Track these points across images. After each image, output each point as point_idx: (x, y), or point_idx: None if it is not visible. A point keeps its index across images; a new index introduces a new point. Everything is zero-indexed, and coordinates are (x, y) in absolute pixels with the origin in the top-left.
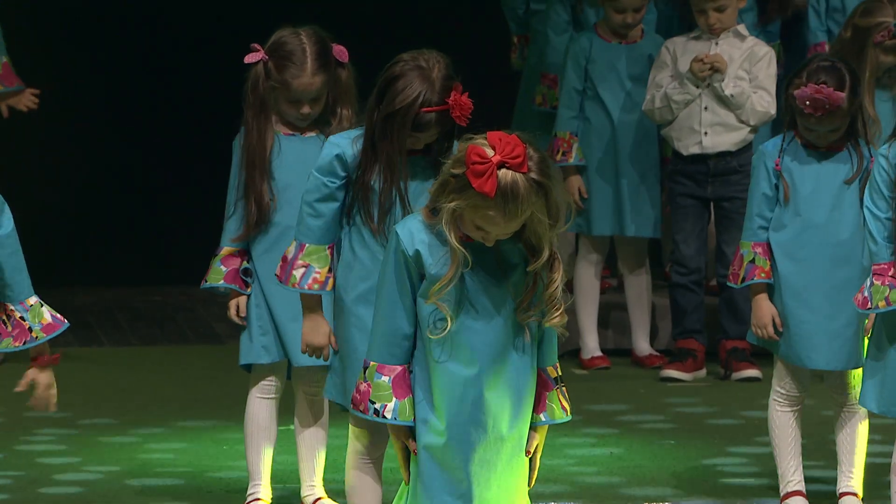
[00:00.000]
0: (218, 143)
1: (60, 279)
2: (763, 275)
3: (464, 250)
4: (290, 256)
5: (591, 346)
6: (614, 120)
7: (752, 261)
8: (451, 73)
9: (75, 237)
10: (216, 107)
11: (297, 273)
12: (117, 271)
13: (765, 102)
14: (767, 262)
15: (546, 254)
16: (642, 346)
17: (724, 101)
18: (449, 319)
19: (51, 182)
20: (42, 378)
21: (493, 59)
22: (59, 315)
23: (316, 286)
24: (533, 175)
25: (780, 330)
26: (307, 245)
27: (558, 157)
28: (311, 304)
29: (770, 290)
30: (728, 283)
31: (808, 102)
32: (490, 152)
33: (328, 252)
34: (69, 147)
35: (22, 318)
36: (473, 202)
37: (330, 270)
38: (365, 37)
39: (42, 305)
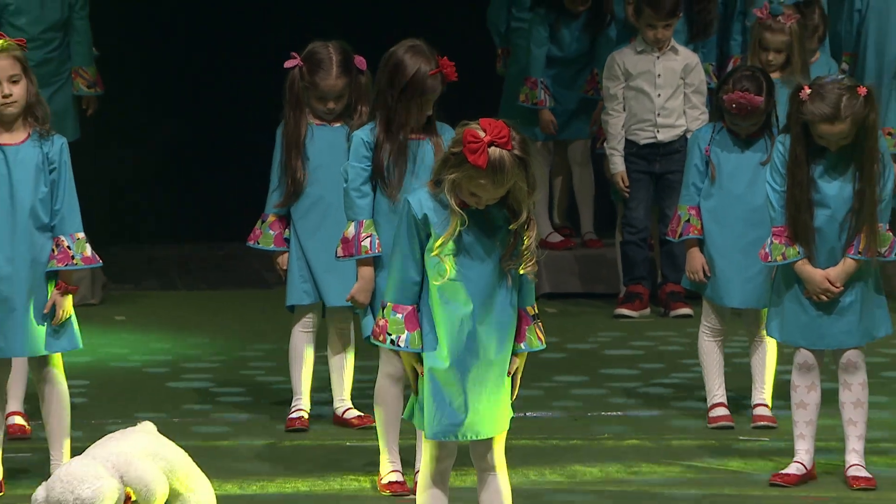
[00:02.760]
0: (264, 128)
1: (145, 237)
2: (696, 231)
3: (462, 213)
4: (351, 235)
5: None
6: None
7: (688, 220)
8: (431, 48)
9: (156, 203)
10: (266, 99)
11: (366, 243)
12: (189, 230)
13: (696, 112)
14: (699, 221)
15: (524, 215)
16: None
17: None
18: (448, 268)
19: (138, 158)
20: (61, 301)
21: (481, 67)
22: (97, 255)
23: (378, 249)
24: (516, 152)
25: (708, 276)
26: (364, 221)
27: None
28: (368, 268)
29: (701, 244)
30: (668, 238)
31: (734, 105)
32: (482, 133)
33: (375, 223)
34: (149, 130)
35: (68, 247)
36: (469, 173)
37: (378, 236)
38: (375, 46)
39: (86, 242)
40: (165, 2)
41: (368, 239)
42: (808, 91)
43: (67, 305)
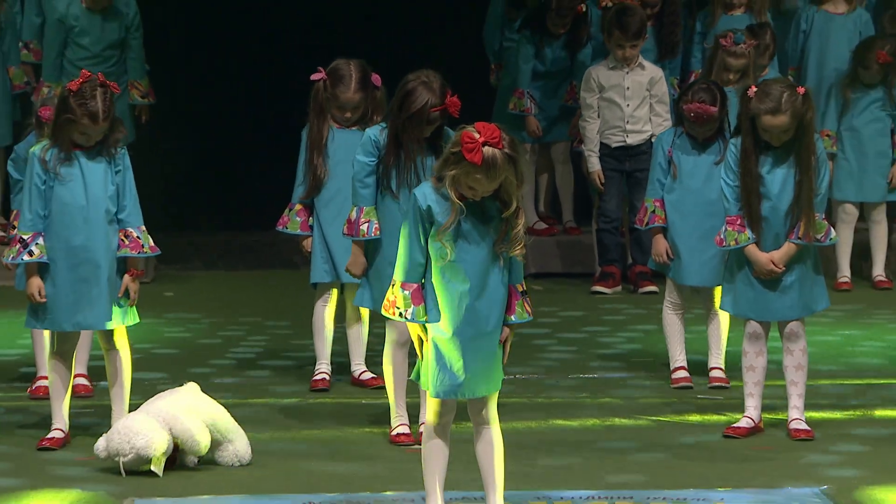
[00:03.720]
0: (292, 130)
1: (189, 225)
2: (660, 221)
3: (461, 204)
4: (353, 218)
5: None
6: None
7: (654, 211)
8: (444, 83)
9: (199, 196)
10: (294, 105)
11: (364, 227)
12: (227, 219)
13: (660, 120)
14: (663, 212)
15: (514, 206)
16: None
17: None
18: (449, 252)
19: (184, 158)
20: (132, 285)
21: (477, 79)
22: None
23: (375, 233)
24: (506, 150)
25: (671, 258)
26: (365, 208)
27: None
28: (359, 246)
29: (664, 231)
30: (636, 226)
31: (692, 114)
32: (477, 135)
33: (375, 210)
34: (194, 133)
35: (138, 237)
36: (466, 169)
37: (377, 222)
38: (388, 61)
39: (147, 233)
40: (212, 30)
41: (367, 224)
42: (755, 90)
43: (138, 287)
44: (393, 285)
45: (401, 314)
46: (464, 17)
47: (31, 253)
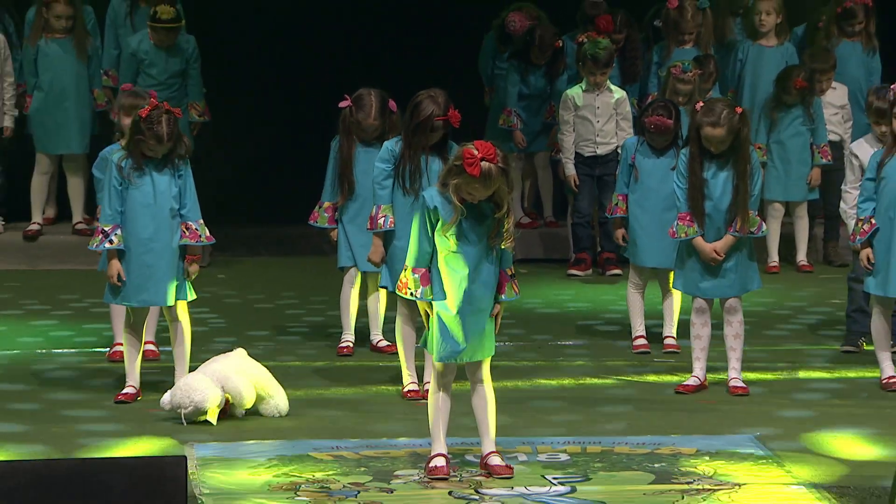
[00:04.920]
0: (322, 142)
1: (238, 218)
2: (621, 212)
3: (461, 206)
4: (374, 215)
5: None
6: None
7: (617, 204)
8: (448, 98)
9: (246, 195)
10: (324, 123)
11: (381, 221)
12: (269, 214)
13: (625, 133)
14: (625, 205)
15: (505, 207)
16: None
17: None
18: (451, 244)
19: (231, 164)
20: (191, 267)
21: (473, 100)
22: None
23: (391, 225)
24: (500, 164)
25: (626, 240)
26: (382, 206)
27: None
28: (378, 237)
29: (625, 220)
30: (606, 216)
31: (652, 126)
32: (476, 151)
33: (392, 207)
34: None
35: (196, 229)
36: (466, 180)
37: (392, 217)
38: (400, 86)
39: (203, 226)
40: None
41: (383, 218)
42: (701, 105)
43: (196, 269)
44: (405, 269)
45: (411, 293)
46: (463, 48)
47: (110, 241)
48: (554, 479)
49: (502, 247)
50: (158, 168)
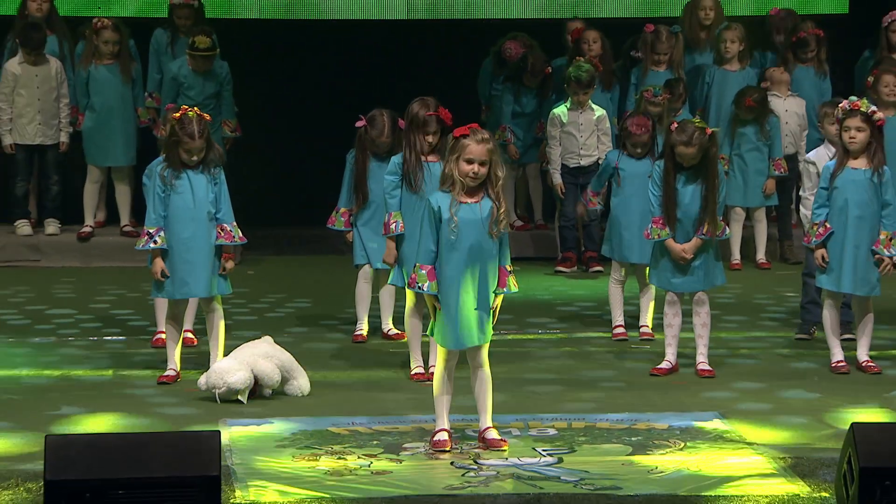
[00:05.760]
0: (339, 154)
1: (264, 221)
2: (592, 206)
3: (462, 181)
4: (386, 221)
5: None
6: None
7: (590, 199)
8: (437, 101)
9: (272, 200)
10: (341, 137)
11: (393, 226)
12: (293, 218)
13: (604, 147)
14: (595, 200)
15: (503, 203)
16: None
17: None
18: (455, 241)
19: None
20: (227, 264)
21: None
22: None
23: (401, 229)
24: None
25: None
26: (393, 212)
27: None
28: (391, 240)
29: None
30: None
31: (633, 126)
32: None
33: (401, 213)
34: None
35: (230, 230)
36: (461, 145)
37: (402, 221)
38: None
39: (237, 227)
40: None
41: (395, 223)
42: (675, 126)
43: (231, 266)
44: (414, 266)
45: (419, 287)
46: (463, 73)
47: (155, 242)
48: (543, 450)
49: (500, 234)
50: (197, 176)
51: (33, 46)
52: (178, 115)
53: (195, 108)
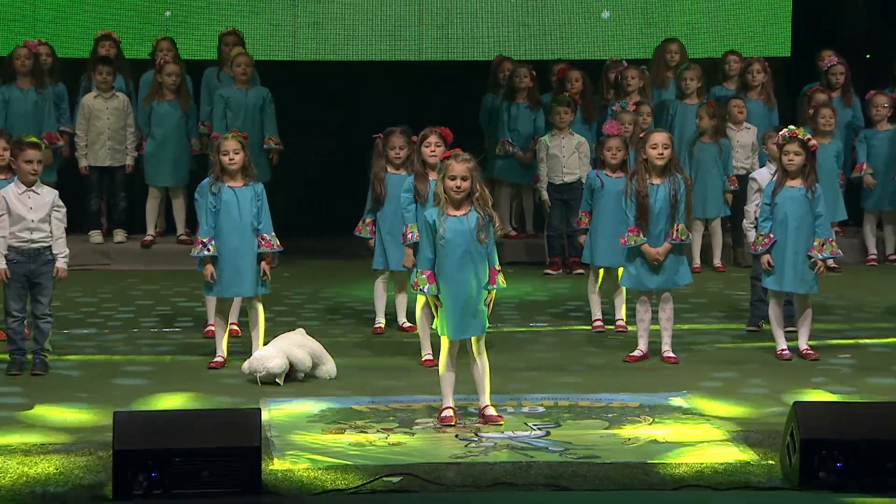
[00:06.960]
0: (361, 174)
1: (298, 231)
2: (584, 224)
3: (445, 196)
4: (404, 232)
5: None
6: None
7: (581, 218)
8: (440, 130)
9: (304, 212)
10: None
11: (410, 236)
12: (323, 228)
13: (584, 168)
14: (587, 219)
15: (494, 215)
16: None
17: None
18: (449, 248)
19: (295, 190)
20: (267, 268)
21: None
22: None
23: (416, 238)
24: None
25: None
26: (409, 224)
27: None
28: (409, 248)
29: (586, 231)
30: (574, 227)
31: (606, 129)
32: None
33: (417, 224)
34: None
35: (269, 239)
36: (446, 165)
37: (417, 231)
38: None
39: (275, 237)
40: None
41: (411, 234)
42: (643, 135)
43: (268, 269)
44: (416, 272)
45: (422, 290)
46: (466, 106)
47: (207, 249)
48: (534, 425)
49: (489, 239)
50: (242, 194)
51: (104, 81)
52: (217, 134)
53: (234, 130)
